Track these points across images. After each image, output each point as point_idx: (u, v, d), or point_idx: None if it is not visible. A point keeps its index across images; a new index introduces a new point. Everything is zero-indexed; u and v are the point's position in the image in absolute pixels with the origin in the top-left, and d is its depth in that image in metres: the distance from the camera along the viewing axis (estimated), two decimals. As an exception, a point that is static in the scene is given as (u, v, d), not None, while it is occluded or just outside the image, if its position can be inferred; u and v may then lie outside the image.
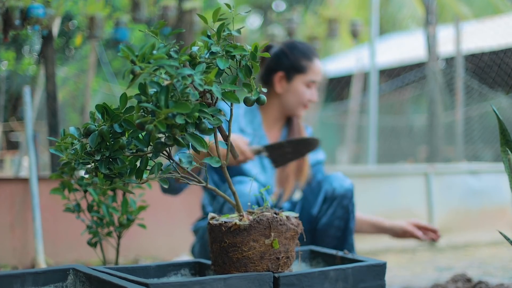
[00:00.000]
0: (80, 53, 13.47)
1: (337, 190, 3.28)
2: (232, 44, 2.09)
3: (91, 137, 2.05)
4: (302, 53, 3.46)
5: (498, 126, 3.47)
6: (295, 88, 3.46)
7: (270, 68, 3.50)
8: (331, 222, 3.28)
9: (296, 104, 3.48)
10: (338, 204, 3.27)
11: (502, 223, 7.45)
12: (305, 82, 3.45)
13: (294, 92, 3.46)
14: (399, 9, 18.26)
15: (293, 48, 3.50)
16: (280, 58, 3.48)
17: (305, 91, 3.45)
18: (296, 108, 3.48)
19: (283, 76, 3.47)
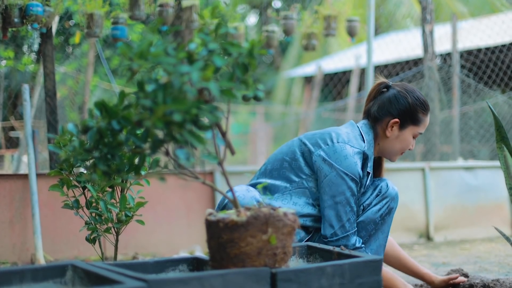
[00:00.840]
0: (79, 51, 13.45)
1: (390, 191, 3.45)
2: (229, 42, 2.10)
3: (90, 134, 2.06)
4: (422, 104, 3.44)
5: (494, 123, 3.50)
6: (404, 137, 3.44)
7: (386, 109, 3.44)
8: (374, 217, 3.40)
9: (398, 151, 3.48)
10: (386, 203, 3.43)
11: (498, 219, 7.47)
12: (414, 134, 3.45)
13: (402, 141, 3.44)
14: (396, 8, 18.26)
15: (414, 96, 3.44)
16: (400, 104, 3.42)
17: (410, 141, 3.45)
18: (395, 155, 3.49)
19: (397, 123, 3.42)
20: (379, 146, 3.48)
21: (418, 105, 3.42)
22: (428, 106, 3.46)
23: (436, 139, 8.92)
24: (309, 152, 3.32)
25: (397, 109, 3.42)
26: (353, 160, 3.26)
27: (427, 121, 3.47)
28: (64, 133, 2.90)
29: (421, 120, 3.43)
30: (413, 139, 3.46)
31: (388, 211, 3.45)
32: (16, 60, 11.58)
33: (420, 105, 3.42)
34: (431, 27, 8.99)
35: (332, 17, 7.17)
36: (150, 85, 1.94)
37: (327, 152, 3.27)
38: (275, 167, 3.38)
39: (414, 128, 3.43)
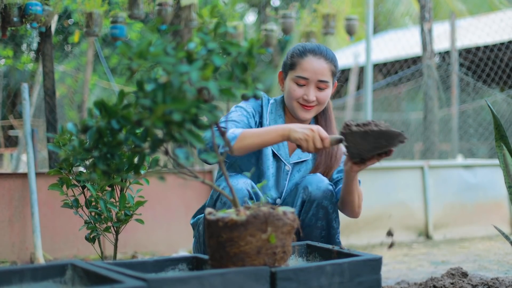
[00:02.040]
0: (78, 50, 13.47)
1: (314, 193, 3.15)
2: (228, 41, 2.10)
3: (89, 133, 2.06)
4: (297, 50, 3.33)
5: (493, 121, 3.50)
6: (286, 86, 3.32)
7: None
8: (314, 223, 3.17)
9: (289, 103, 3.31)
10: (318, 205, 3.15)
11: (497, 218, 7.48)
12: (293, 79, 3.28)
13: (286, 91, 3.32)
14: (395, 6, 18.27)
15: (295, 46, 3.38)
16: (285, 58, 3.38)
17: (294, 88, 3.27)
18: (294, 109, 3.30)
19: (281, 75, 3.39)
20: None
21: (292, 51, 3.35)
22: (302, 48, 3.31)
23: (435, 137, 8.93)
24: None
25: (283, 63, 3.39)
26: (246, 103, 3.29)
27: (306, 63, 3.27)
28: (64, 132, 2.91)
29: (295, 63, 3.29)
30: (298, 86, 3.27)
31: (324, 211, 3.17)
32: (15, 59, 11.59)
33: (293, 50, 3.34)
34: (429, 25, 9.00)
35: (331, 15, 7.17)
36: (149, 85, 1.94)
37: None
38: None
39: (292, 73, 3.29)
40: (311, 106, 3.28)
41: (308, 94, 3.25)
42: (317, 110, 3.33)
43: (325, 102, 3.32)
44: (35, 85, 9.01)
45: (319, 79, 3.26)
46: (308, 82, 3.27)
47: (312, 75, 3.26)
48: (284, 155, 3.35)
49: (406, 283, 4.08)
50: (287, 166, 3.35)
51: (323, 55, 3.31)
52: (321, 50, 3.32)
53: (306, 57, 3.29)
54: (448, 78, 10.48)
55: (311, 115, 3.31)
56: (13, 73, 12.38)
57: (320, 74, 3.27)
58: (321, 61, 3.29)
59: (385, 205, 6.84)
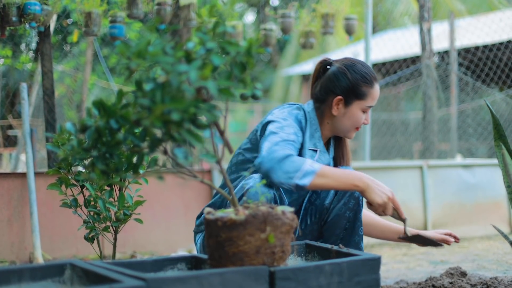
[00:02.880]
0: (77, 49, 13.46)
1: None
2: (227, 41, 2.10)
3: (88, 133, 2.06)
4: (363, 77, 3.29)
5: (492, 121, 3.50)
6: (352, 114, 3.31)
7: (328, 89, 3.33)
8: (343, 213, 3.26)
9: (350, 128, 3.35)
10: (350, 195, 3.25)
11: (496, 217, 7.48)
12: (362, 108, 3.30)
13: (351, 117, 3.32)
14: (394, 6, 18.28)
15: (354, 70, 3.31)
16: (340, 81, 3.30)
17: (361, 116, 3.31)
18: (349, 131, 3.36)
19: (341, 100, 3.30)
20: (329, 125, 3.37)
21: (359, 79, 3.29)
22: (371, 77, 3.31)
23: (434, 137, 8.93)
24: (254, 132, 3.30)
25: (339, 86, 3.30)
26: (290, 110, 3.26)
27: (375, 93, 3.32)
28: (63, 132, 2.91)
29: (365, 94, 3.29)
30: (363, 113, 3.32)
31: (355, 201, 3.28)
32: (14, 58, 11.58)
33: (361, 79, 3.29)
34: (428, 25, 9.00)
35: (330, 15, 7.17)
36: (148, 84, 1.94)
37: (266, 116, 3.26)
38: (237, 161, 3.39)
39: (361, 103, 3.30)
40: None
41: (367, 119, 3.36)
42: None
43: None
44: (34, 84, 9.01)
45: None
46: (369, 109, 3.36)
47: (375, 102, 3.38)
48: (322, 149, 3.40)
49: (405, 282, 4.08)
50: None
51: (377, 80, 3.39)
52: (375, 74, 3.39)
53: (374, 86, 3.32)
54: (447, 77, 10.48)
55: None
56: (12, 72, 12.37)
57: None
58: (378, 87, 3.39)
59: (384, 205, 6.83)
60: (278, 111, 3.26)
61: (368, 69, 3.33)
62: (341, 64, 3.35)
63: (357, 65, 3.33)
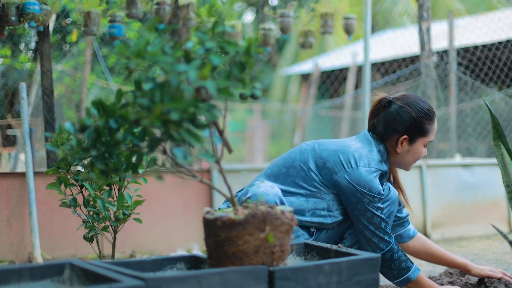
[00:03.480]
0: (76, 49, 13.45)
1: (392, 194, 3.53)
2: (226, 40, 2.10)
3: (87, 133, 2.06)
4: (427, 115, 3.41)
5: (491, 120, 3.50)
6: (416, 150, 3.45)
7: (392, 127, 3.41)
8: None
9: (411, 162, 3.50)
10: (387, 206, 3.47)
11: (495, 217, 7.48)
12: (425, 143, 3.44)
13: (414, 153, 3.45)
14: (393, 5, 18.28)
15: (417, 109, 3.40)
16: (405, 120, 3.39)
17: (422, 151, 3.46)
18: (409, 165, 3.52)
19: (406, 139, 3.41)
20: (390, 161, 3.49)
21: (423, 117, 3.40)
22: (433, 113, 3.44)
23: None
24: (328, 169, 3.29)
25: (404, 125, 3.39)
26: (376, 182, 3.29)
27: (435, 127, 3.46)
28: (62, 131, 2.91)
29: (429, 130, 3.42)
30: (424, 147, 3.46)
31: (389, 214, 3.45)
32: (13, 58, 11.57)
33: (425, 116, 3.40)
34: (427, 25, 9.00)
35: (329, 15, 7.17)
36: (147, 84, 1.94)
37: (352, 176, 3.26)
38: (282, 171, 3.34)
39: (424, 139, 3.43)
40: None
41: (426, 151, 3.52)
42: None
43: None
44: (33, 84, 9.00)
45: None
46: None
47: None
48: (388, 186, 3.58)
49: (404, 282, 4.07)
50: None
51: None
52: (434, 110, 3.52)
53: (435, 123, 3.45)
54: (446, 77, 10.47)
55: None
56: (11, 72, 12.36)
57: None
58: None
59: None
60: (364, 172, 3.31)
61: (428, 105, 3.45)
62: (403, 103, 3.43)
63: (419, 102, 3.43)
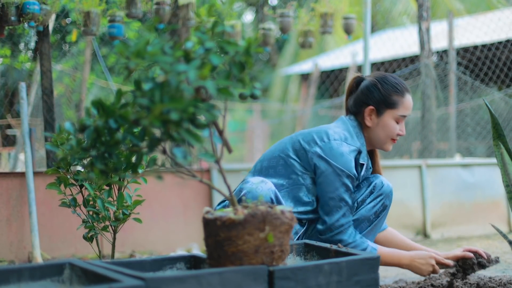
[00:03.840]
0: (75, 49, 13.45)
1: (385, 188, 3.45)
2: (225, 40, 2.10)
3: (87, 133, 2.06)
4: (394, 87, 3.42)
5: (490, 120, 3.50)
6: (385, 123, 3.42)
7: (360, 101, 3.46)
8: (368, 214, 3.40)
9: (384, 139, 3.44)
10: (381, 200, 3.42)
11: (494, 217, 7.48)
12: (395, 118, 3.41)
13: (384, 127, 3.42)
14: (393, 5, 18.28)
15: (384, 82, 3.43)
16: (371, 92, 3.42)
17: (395, 126, 3.41)
18: (384, 142, 3.45)
19: (373, 110, 3.42)
20: (366, 137, 3.47)
21: (389, 88, 3.41)
22: (402, 86, 3.43)
23: (432, 137, 8.93)
24: (304, 150, 3.32)
25: (370, 97, 3.43)
26: (348, 158, 3.28)
27: (407, 102, 3.42)
28: (61, 131, 2.91)
29: (397, 102, 3.40)
30: (397, 123, 3.42)
31: (383, 208, 3.43)
32: (12, 58, 11.57)
33: (392, 88, 3.41)
34: (427, 24, 9.00)
35: (329, 14, 7.17)
36: (147, 84, 1.94)
37: (324, 149, 3.28)
38: (271, 164, 3.38)
39: (393, 112, 3.41)
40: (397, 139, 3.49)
41: (402, 130, 3.45)
42: None
43: None
44: (32, 84, 9.00)
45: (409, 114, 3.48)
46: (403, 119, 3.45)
47: (410, 112, 3.45)
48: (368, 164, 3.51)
49: (404, 282, 4.08)
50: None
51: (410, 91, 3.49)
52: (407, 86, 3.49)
53: (406, 96, 3.42)
54: (446, 77, 10.48)
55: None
56: (11, 72, 12.36)
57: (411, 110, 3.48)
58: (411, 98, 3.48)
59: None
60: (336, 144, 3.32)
61: (398, 80, 3.45)
62: (373, 78, 3.48)
63: (388, 77, 3.46)
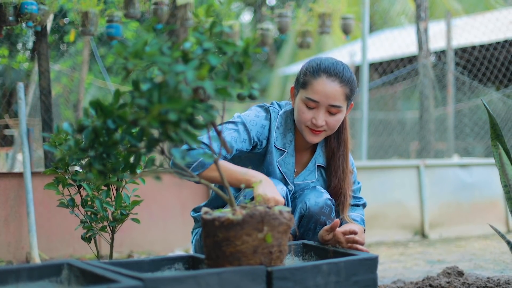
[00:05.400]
0: (73, 49, 13.45)
1: (312, 209, 3.06)
2: (223, 40, 2.10)
3: (85, 133, 2.06)
4: (310, 67, 3.08)
5: (488, 120, 3.50)
6: (296, 105, 3.11)
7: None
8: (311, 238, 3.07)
9: (298, 124, 3.11)
10: (316, 221, 3.06)
11: (492, 217, 7.49)
12: (303, 100, 3.04)
13: (296, 110, 3.11)
14: (391, 5, 18.29)
15: (307, 63, 3.13)
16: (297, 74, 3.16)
17: (303, 110, 3.05)
18: (301, 129, 3.11)
19: (293, 90, 3.18)
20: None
21: (307, 68, 3.09)
22: (320, 69, 3.05)
23: (430, 137, 8.94)
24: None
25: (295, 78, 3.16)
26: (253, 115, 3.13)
27: (318, 85, 3.02)
28: (60, 132, 2.90)
29: (306, 82, 3.04)
30: (307, 109, 3.05)
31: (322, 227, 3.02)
32: (10, 58, 11.57)
33: (308, 68, 3.08)
34: (425, 25, 9.01)
35: (327, 15, 7.18)
36: (145, 84, 1.94)
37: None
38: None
39: (302, 92, 3.05)
40: (320, 130, 3.08)
41: (316, 118, 3.04)
42: (326, 134, 3.13)
43: (335, 128, 3.10)
44: (30, 84, 9.00)
45: (331, 103, 3.03)
46: (318, 105, 3.04)
47: (323, 99, 3.03)
48: (288, 174, 3.21)
49: (402, 282, 4.09)
50: (290, 186, 3.21)
51: (338, 77, 3.06)
52: (337, 71, 3.07)
53: (319, 78, 3.05)
54: (444, 77, 10.49)
55: (319, 139, 3.13)
56: (9, 72, 12.36)
57: (332, 99, 3.03)
58: (334, 84, 3.04)
59: (381, 204, 6.85)
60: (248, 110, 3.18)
61: (324, 63, 3.09)
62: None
63: (316, 59, 3.14)
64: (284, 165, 3.20)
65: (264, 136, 3.14)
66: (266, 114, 3.17)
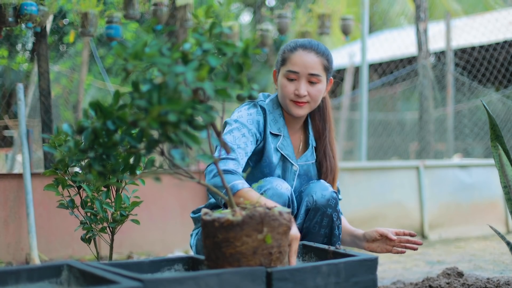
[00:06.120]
0: (73, 50, 13.45)
1: (318, 202, 3.14)
2: (223, 41, 2.10)
3: (85, 134, 2.06)
4: (288, 45, 3.31)
5: (488, 121, 3.50)
6: (280, 83, 3.28)
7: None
8: (318, 231, 3.15)
9: (283, 100, 3.27)
10: (322, 213, 3.13)
11: (492, 217, 7.49)
12: (284, 74, 3.25)
13: (280, 88, 3.27)
14: (390, 6, 18.30)
15: (286, 43, 3.35)
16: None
17: (286, 84, 3.24)
18: (287, 105, 3.26)
19: (275, 73, 3.36)
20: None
21: (285, 46, 3.32)
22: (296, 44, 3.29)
23: (430, 137, 8.94)
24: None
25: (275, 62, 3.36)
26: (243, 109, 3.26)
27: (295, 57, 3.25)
28: (59, 133, 2.90)
29: (286, 58, 3.26)
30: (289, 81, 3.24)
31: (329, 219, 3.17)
32: (10, 59, 11.57)
33: (287, 46, 3.31)
34: (425, 25, 9.01)
35: (326, 15, 7.18)
36: (145, 85, 1.94)
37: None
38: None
39: (283, 69, 3.26)
40: (303, 102, 3.24)
41: (299, 88, 3.22)
42: (311, 107, 3.29)
43: (317, 98, 3.27)
44: (30, 85, 9.00)
45: (310, 72, 3.23)
46: (299, 77, 3.23)
47: (302, 68, 3.23)
48: (291, 155, 3.32)
49: (402, 283, 4.09)
50: (294, 166, 3.33)
51: (314, 49, 3.28)
52: (312, 44, 3.29)
53: (296, 51, 3.26)
54: (443, 78, 10.49)
55: (304, 112, 3.28)
56: (8, 73, 12.36)
57: (311, 68, 3.24)
58: (311, 55, 3.26)
59: (381, 205, 6.85)
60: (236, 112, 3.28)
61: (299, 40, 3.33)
62: None
63: (297, 40, 3.35)
64: (283, 148, 3.32)
65: (261, 130, 3.28)
66: (257, 109, 3.30)
